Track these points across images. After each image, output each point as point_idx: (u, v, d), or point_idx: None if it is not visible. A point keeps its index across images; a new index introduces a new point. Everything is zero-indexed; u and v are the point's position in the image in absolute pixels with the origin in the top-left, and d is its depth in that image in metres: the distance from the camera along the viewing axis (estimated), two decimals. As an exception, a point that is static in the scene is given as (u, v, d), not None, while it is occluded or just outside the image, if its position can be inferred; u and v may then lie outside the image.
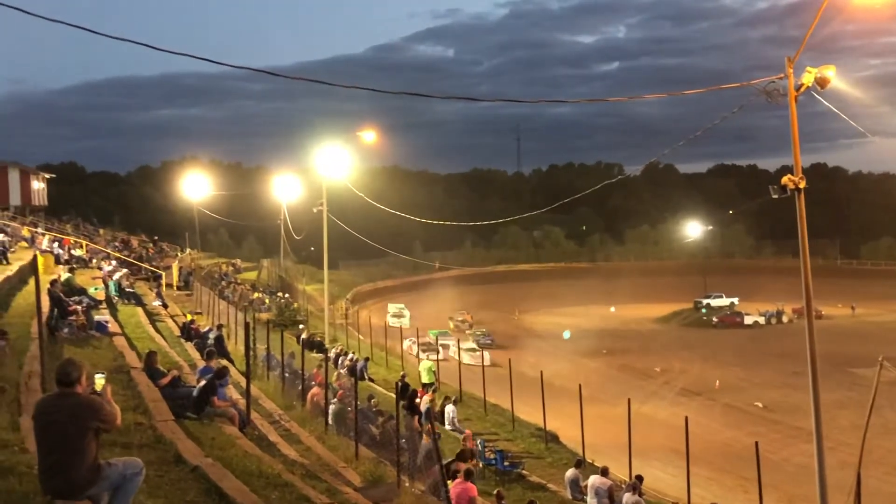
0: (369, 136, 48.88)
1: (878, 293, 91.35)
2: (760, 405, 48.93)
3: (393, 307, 77.50)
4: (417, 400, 27.74)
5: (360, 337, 54.17)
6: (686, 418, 26.28)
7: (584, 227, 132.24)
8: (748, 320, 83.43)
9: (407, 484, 16.01)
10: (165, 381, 15.53)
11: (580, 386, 34.71)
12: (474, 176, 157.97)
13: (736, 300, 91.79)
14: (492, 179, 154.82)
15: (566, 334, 69.26)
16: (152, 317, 31.08)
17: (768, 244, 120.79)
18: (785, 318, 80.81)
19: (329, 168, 46.88)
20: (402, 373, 36.71)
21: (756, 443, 23.54)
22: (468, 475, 16.52)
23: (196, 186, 71.55)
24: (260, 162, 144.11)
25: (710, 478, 34.16)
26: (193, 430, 13.06)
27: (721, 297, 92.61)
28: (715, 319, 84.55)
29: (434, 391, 33.70)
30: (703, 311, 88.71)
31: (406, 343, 52.91)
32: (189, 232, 77.37)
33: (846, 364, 54.54)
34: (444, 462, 16.30)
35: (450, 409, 30.49)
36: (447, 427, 29.55)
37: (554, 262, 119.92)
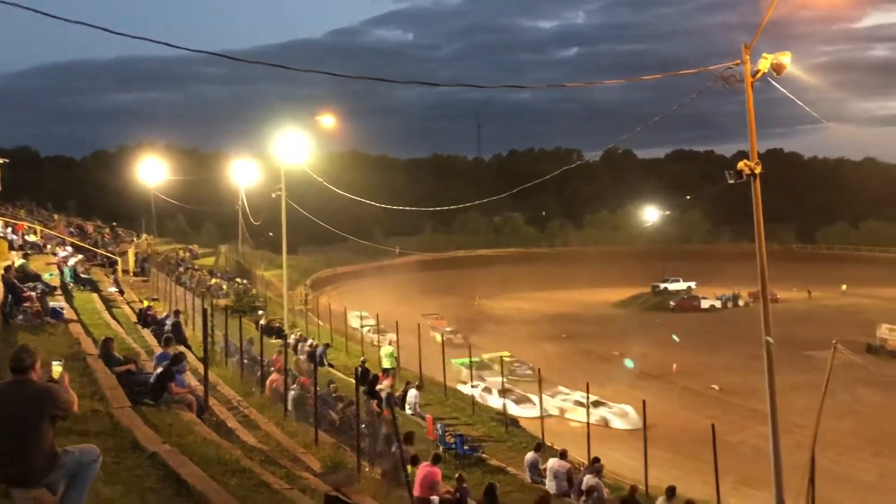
0: (328, 120, 48.63)
1: (833, 277, 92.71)
2: (717, 388, 49.56)
3: (354, 315, 62.63)
4: (378, 385, 27.74)
5: (320, 322, 54.00)
6: (644, 402, 26.56)
7: (543, 213, 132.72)
8: (705, 304, 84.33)
9: (367, 469, 16.03)
10: (122, 368, 15.39)
11: (538, 370, 34.94)
12: (434, 161, 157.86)
13: (693, 284, 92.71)
14: (452, 165, 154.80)
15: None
16: (108, 303, 30.75)
17: (725, 229, 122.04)
18: (741, 302, 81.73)
19: (288, 153, 46.57)
20: (362, 358, 36.68)
21: (713, 425, 23.86)
22: (436, 460, 16.60)
23: (153, 171, 70.73)
24: (218, 147, 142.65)
25: (669, 460, 34.54)
26: (151, 417, 12.95)
27: (679, 281, 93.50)
28: (672, 303, 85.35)
29: (394, 376, 33.76)
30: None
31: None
32: (145, 217, 76.54)
33: (802, 347, 55.31)
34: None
35: (412, 395, 30.54)
36: (408, 412, 29.60)
37: (514, 248, 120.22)
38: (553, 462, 20.76)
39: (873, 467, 35.73)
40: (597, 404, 38.35)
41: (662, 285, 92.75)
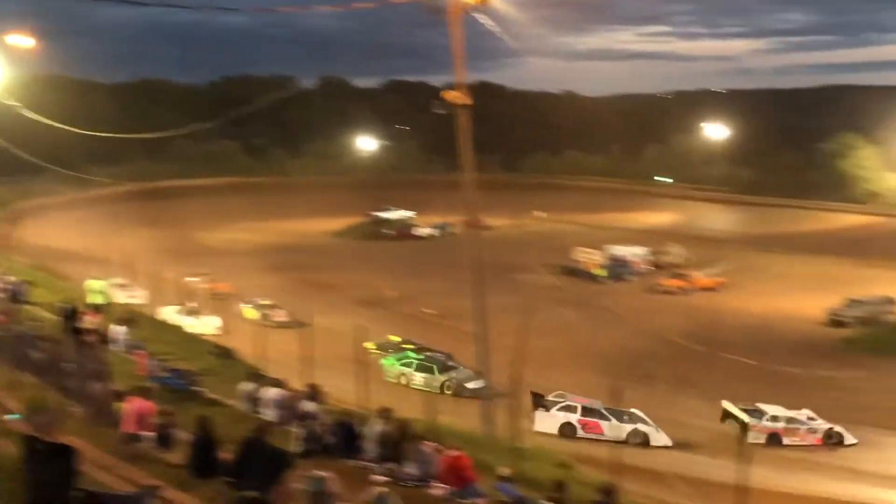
0: (23, 40, 44.72)
1: (537, 205, 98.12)
2: (433, 312, 51.46)
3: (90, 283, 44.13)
4: (83, 321, 26.39)
5: (20, 258, 50.54)
6: (361, 328, 27.02)
7: (259, 141, 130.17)
8: (422, 233, 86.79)
9: (74, 409, 15.28)
10: None
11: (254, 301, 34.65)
12: (144, 86, 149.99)
13: (410, 213, 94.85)
14: (163, 90, 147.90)
15: None
16: None
17: (439, 159, 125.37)
18: (455, 230, 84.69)
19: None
20: (67, 295, 34.73)
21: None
22: (144, 393, 16.03)
23: None
24: None
25: (389, 383, 35.67)
26: None
27: (396, 210, 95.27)
28: (388, 232, 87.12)
29: (103, 313, 32.27)
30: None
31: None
32: None
33: (510, 271, 58.44)
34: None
35: (121, 330, 29.28)
36: (120, 348, 28.42)
37: (229, 177, 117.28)
38: (270, 391, 20.70)
39: (574, 380, 38.55)
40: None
41: (379, 214, 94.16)
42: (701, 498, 24.45)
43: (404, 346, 40.88)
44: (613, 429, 30.29)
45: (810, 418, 32.29)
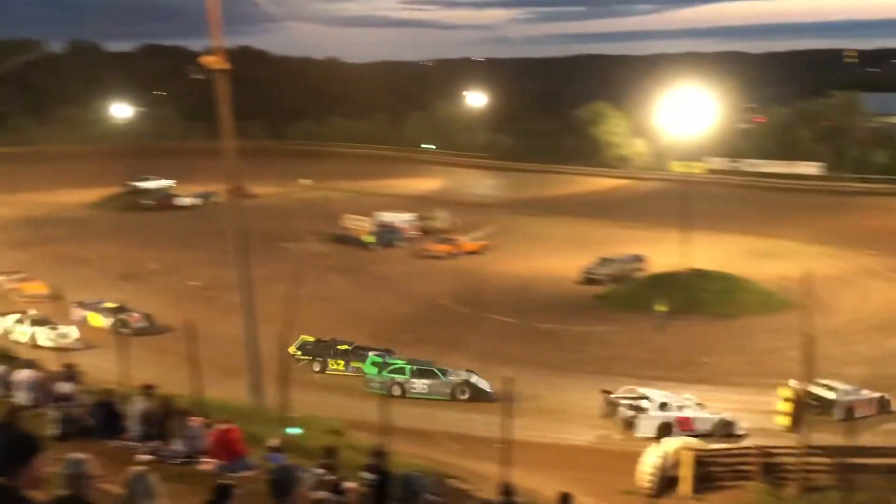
0: None
1: (303, 172, 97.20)
2: (197, 283, 50.15)
3: None
4: None
5: None
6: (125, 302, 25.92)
7: (2, 109, 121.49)
8: (183, 202, 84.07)
9: None
10: None
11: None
12: None
13: (170, 182, 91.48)
14: None
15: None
16: None
17: (200, 126, 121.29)
18: (218, 199, 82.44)
19: None
20: None
21: (188, 320, 24.10)
22: None
23: None
24: None
25: (153, 360, 34.43)
26: None
27: (155, 179, 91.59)
28: (148, 202, 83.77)
29: None
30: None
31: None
32: None
33: (277, 239, 57.73)
34: None
35: None
36: None
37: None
38: (23, 373, 19.53)
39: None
40: None
41: (137, 184, 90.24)
42: (466, 452, 25.29)
43: (340, 346, 37.39)
44: (702, 422, 29.11)
45: (856, 389, 31.47)
